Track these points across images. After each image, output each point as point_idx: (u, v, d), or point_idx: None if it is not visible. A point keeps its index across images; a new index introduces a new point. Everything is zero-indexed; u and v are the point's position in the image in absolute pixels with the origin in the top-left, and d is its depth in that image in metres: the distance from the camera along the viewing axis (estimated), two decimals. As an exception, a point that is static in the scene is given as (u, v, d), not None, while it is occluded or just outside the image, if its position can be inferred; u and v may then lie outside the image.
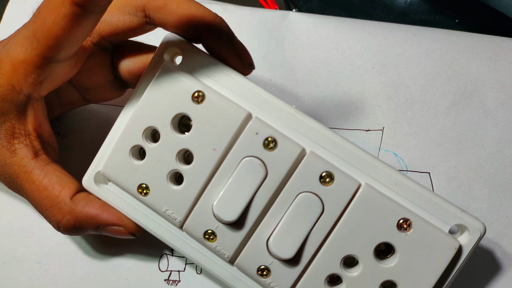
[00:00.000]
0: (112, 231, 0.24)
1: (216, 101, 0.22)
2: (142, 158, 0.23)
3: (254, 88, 0.23)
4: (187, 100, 0.22)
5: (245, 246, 0.23)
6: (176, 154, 0.23)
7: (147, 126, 0.23)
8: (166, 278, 0.28)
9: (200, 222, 0.23)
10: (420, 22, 0.37)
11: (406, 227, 0.21)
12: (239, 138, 0.22)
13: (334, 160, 0.22)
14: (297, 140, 0.22)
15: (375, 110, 0.31)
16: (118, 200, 0.24)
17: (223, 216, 0.22)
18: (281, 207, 0.22)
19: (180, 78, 0.22)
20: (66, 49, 0.21)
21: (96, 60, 0.25)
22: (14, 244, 0.29)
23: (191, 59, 0.23)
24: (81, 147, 0.30)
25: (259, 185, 0.22)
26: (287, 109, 0.22)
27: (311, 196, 0.22)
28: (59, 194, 0.23)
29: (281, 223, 0.22)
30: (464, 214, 0.22)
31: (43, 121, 0.24)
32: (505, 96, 0.31)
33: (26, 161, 0.23)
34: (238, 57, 0.23)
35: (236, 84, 0.23)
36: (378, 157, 0.30)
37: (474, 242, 0.22)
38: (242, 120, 0.22)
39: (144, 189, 0.23)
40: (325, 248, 0.22)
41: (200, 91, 0.22)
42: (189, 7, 0.22)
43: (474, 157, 0.30)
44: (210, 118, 0.22)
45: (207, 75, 0.23)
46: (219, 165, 0.22)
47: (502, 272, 0.28)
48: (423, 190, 0.22)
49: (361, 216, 0.21)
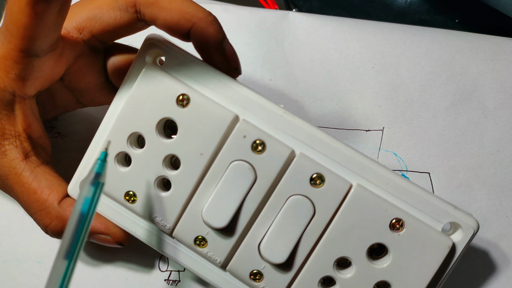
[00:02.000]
0: (99, 239, 0.24)
1: (202, 104, 0.21)
2: (129, 164, 0.23)
3: (240, 89, 0.22)
4: (171, 104, 0.22)
5: (237, 251, 0.22)
6: (163, 160, 0.22)
7: (132, 132, 0.22)
8: (166, 278, 0.28)
9: (190, 228, 0.23)
10: (419, 22, 0.37)
11: (399, 227, 0.21)
12: (227, 142, 0.21)
13: (324, 161, 0.22)
14: (286, 141, 0.22)
15: (374, 110, 0.31)
16: (105, 208, 0.24)
17: (212, 222, 0.22)
18: (272, 211, 0.22)
19: (164, 80, 0.22)
20: (39, 39, 0.21)
21: (87, 61, 0.25)
22: (13, 243, 0.29)
23: (175, 60, 0.22)
24: (80, 148, 0.30)
25: (248, 189, 0.22)
26: (275, 110, 0.22)
27: (301, 199, 0.21)
28: (47, 198, 0.23)
29: (272, 227, 0.22)
30: (457, 211, 0.22)
31: (33, 122, 0.24)
32: (505, 97, 0.31)
33: (15, 162, 0.23)
34: (225, 59, 0.22)
35: (222, 85, 0.22)
36: (371, 157, 0.30)
37: (468, 240, 0.21)
38: (228, 123, 0.21)
39: (132, 197, 0.23)
40: (318, 251, 0.22)
41: (185, 94, 0.21)
42: (181, 3, 0.22)
43: (473, 157, 0.30)
44: (196, 122, 0.21)
45: (191, 77, 0.22)
46: (207, 170, 0.22)
47: (501, 272, 0.28)
48: (415, 188, 0.22)
49: (353, 217, 0.21)
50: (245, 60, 0.32)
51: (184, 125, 0.22)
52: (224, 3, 0.34)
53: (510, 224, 0.29)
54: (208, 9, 0.33)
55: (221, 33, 0.22)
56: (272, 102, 0.22)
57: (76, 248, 0.19)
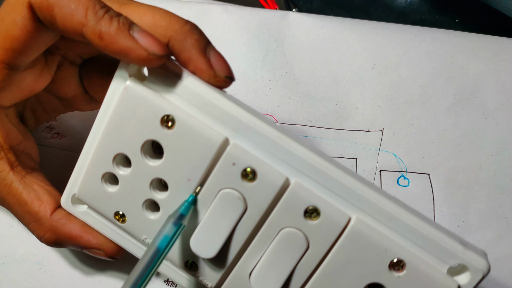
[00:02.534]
0: (92, 252, 0.24)
1: (188, 125, 0.20)
2: (117, 184, 0.22)
3: (231, 108, 0.20)
4: (155, 125, 0.20)
5: (227, 279, 0.21)
6: (150, 183, 0.21)
7: (117, 153, 0.21)
8: (165, 279, 0.28)
9: (180, 253, 0.22)
10: (420, 22, 0.37)
11: (399, 267, 0.19)
12: (215, 169, 0.20)
13: (321, 192, 0.20)
14: (280, 168, 0.20)
15: (375, 111, 0.31)
16: (97, 223, 0.23)
17: (200, 253, 0.21)
18: (263, 242, 0.20)
19: (146, 98, 0.20)
20: (25, 55, 0.20)
21: (64, 73, 0.24)
22: (13, 245, 0.29)
23: (158, 74, 0.20)
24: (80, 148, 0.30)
25: (238, 219, 0.20)
26: (267, 134, 0.20)
27: (294, 232, 0.20)
28: (38, 210, 0.23)
29: (263, 259, 0.20)
30: (466, 252, 0.19)
31: (10, 129, 0.23)
32: (505, 97, 0.31)
33: (4, 174, 0.23)
34: (212, 69, 0.20)
35: (209, 104, 0.20)
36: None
37: (475, 284, 0.19)
38: (217, 147, 0.20)
39: (121, 217, 0.22)
40: (310, 287, 0.20)
41: (169, 115, 0.20)
42: (152, 17, 0.20)
43: (473, 159, 0.30)
44: (183, 144, 0.20)
45: (176, 93, 0.20)
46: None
47: (500, 273, 0.28)
48: (422, 225, 0.19)
49: (350, 254, 0.20)
50: (245, 60, 0.32)
51: (170, 148, 0.20)
52: (224, 3, 0.33)
53: (509, 226, 0.29)
54: (208, 10, 0.33)
55: (202, 41, 0.20)
56: (266, 123, 0.20)
57: (144, 282, 0.19)
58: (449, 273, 0.20)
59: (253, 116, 0.20)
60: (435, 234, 0.19)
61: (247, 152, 0.20)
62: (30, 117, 0.26)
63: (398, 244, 0.19)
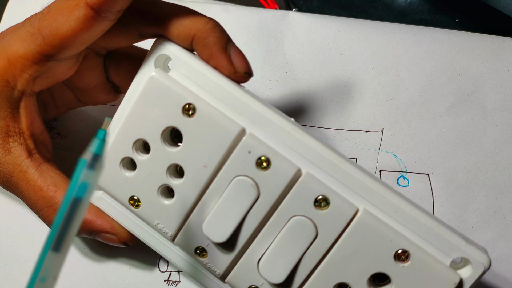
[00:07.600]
0: (105, 238, 0.24)
1: (208, 114, 0.21)
2: (134, 169, 0.23)
3: (249, 101, 0.21)
4: (177, 113, 0.21)
5: (236, 265, 0.22)
6: (167, 169, 0.22)
7: (137, 139, 0.22)
8: (166, 278, 0.28)
9: (190, 238, 0.22)
10: (420, 21, 0.37)
11: (404, 258, 0.20)
12: (231, 156, 0.21)
13: (331, 183, 0.21)
14: (293, 159, 0.21)
15: (374, 111, 0.31)
16: (110, 209, 0.24)
17: (212, 237, 0.21)
18: (273, 229, 0.21)
19: (170, 88, 0.21)
20: (69, 50, 0.21)
21: (89, 63, 0.25)
22: (14, 245, 0.29)
23: (183, 67, 0.22)
24: (80, 148, 0.30)
25: (250, 206, 0.21)
26: (283, 125, 0.21)
27: (304, 221, 0.21)
28: (53, 195, 0.23)
29: (272, 246, 0.21)
30: (468, 246, 0.20)
31: (35, 118, 0.24)
32: (505, 98, 0.31)
33: (20, 159, 0.23)
34: (232, 65, 0.21)
35: (230, 96, 0.21)
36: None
37: (477, 277, 0.20)
38: (234, 136, 0.21)
39: (136, 201, 0.23)
40: (317, 274, 0.21)
41: (191, 104, 0.21)
42: (178, 16, 0.21)
43: (472, 159, 0.30)
44: (202, 132, 0.21)
45: (199, 85, 0.21)
46: (210, 183, 0.21)
47: (500, 272, 0.28)
48: (426, 218, 0.20)
49: (357, 244, 0.20)
50: (245, 60, 0.32)
51: (189, 135, 0.21)
52: (224, 3, 0.33)
53: (508, 226, 0.29)
54: (208, 9, 0.33)
55: (223, 38, 0.22)
56: (282, 116, 0.21)
57: (66, 239, 0.16)
58: (452, 266, 0.20)
59: (269, 109, 0.21)
60: (439, 227, 0.20)
61: (263, 142, 0.21)
62: (42, 110, 0.26)
63: (403, 236, 0.20)
